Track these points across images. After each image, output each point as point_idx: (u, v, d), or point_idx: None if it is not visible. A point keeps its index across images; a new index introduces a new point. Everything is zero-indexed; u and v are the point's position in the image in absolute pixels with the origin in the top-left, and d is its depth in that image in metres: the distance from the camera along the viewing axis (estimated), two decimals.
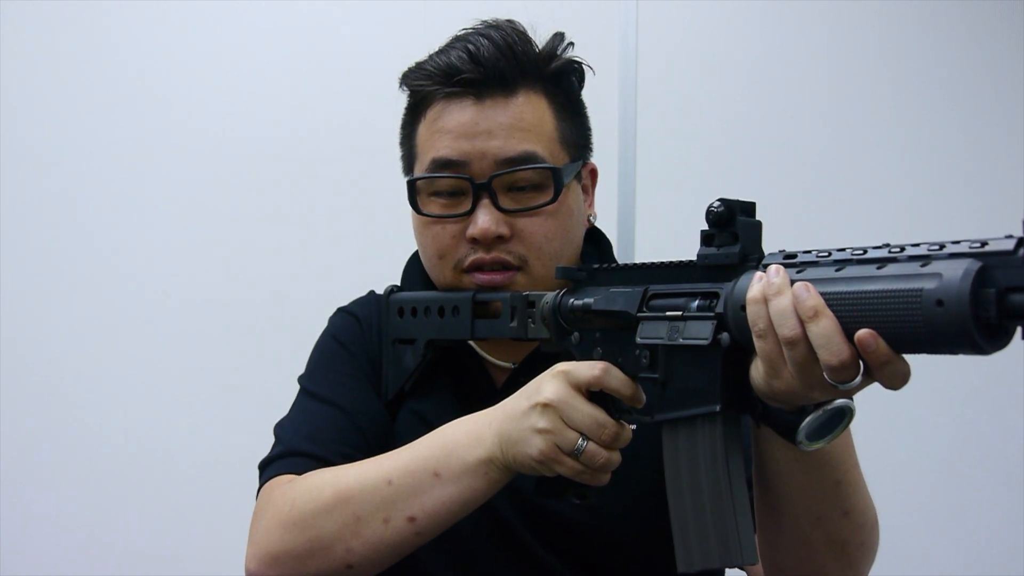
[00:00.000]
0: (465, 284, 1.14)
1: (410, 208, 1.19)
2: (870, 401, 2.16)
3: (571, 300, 1.03)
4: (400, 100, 1.22)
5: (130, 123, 1.94)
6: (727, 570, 1.06)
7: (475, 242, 1.12)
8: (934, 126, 2.08)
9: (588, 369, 0.96)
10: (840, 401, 0.87)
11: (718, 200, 0.90)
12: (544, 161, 1.13)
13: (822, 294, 0.78)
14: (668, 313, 0.91)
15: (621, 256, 1.73)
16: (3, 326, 1.90)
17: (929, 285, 0.72)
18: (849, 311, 0.76)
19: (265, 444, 1.21)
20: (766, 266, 0.85)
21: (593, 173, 1.24)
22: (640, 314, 0.94)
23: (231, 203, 1.95)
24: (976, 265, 0.70)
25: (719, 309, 0.86)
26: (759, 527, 1.04)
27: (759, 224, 0.90)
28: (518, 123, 1.13)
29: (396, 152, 1.24)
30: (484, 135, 1.12)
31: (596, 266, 1.03)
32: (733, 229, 0.89)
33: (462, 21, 1.29)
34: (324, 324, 1.32)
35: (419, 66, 1.18)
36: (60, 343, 1.91)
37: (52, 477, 1.88)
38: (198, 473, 1.87)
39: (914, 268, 0.74)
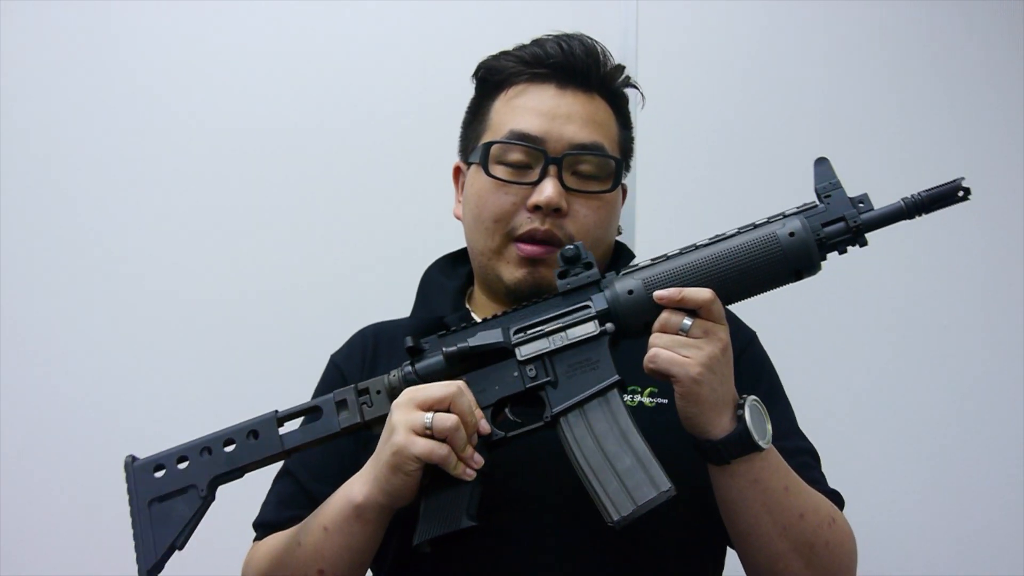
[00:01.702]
0: (509, 253, 1.23)
1: (456, 187, 1.32)
2: (871, 401, 2.17)
3: (427, 360, 1.12)
4: (400, 100, 1.23)
5: (131, 121, 1.94)
6: None
7: (535, 211, 1.21)
8: (934, 126, 2.07)
9: (441, 388, 1.06)
10: (746, 397, 1.07)
11: (571, 245, 1.13)
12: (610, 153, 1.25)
13: (701, 259, 1.07)
14: (548, 328, 1.10)
15: None
16: (3, 326, 1.90)
17: (780, 229, 1.07)
18: (721, 265, 1.07)
19: None
20: (618, 272, 1.12)
21: (624, 191, 1.34)
22: (515, 340, 1.10)
23: (232, 202, 1.95)
24: (800, 214, 1.09)
25: (599, 307, 1.09)
26: (743, 561, 1.15)
27: (590, 253, 1.14)
28: (593, 117, 1.25)
29: (398, 152, 1.25)
30: (563, 118, 1.23)
31: (442, 332, 1.15)
32: (586, 260, 1.12)
33: (462, 21, 1.30)
34: (325, 323, 1.36)
35: (505, 52, 1.29)
36: (60, 343, 1.91)
37: (52, 477, 1.88)
38: None
39: (758, 227, 1.09)
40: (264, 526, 1.26)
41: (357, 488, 1.08)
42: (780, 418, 1.22)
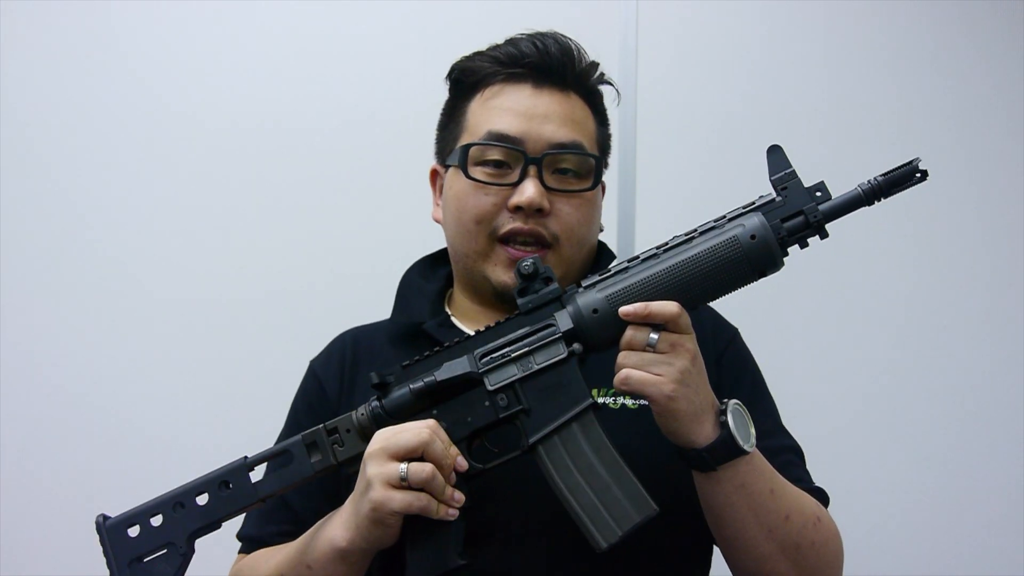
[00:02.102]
0: (496, 255, 1.22)
1: (434, 190, 1.31)
2: (871, 402, 2.17)
3: (394, 395, 1.10)
4: (402, 100, 1.23)
5: (131, 121, 1.95)
6: None
7: (517, 211, 1.20)
8: (935, 126, 2.07)
9: (413, 436, 1.04)
10: (727, 402, 1.06)
11: (527, 260, 1.10)
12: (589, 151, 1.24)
13: (664, 270, 1.06)
14: (514, 355, 1.07)
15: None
16: (4, 325, 1.90)
17: (739, 231, 1.06)
18: (684, 274, 1.05)
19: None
20: (578, 284, 1.10)
21: (603, 187, 1.32)
22: (483, 367, 1.08)
23: (233, 202, 1.95)
24: (759, 212, 1.07)
25: (564, 327, 1.07)
26: (729, 564, 1.15)
27: (548, 267, 1.12)
28: (570, 115, 1.24)
29: (398, 151, 1.25)
30: (541, 118, 1.22)
31: (404, 363, 1.12)
32: (545, 275, 1.10)
33: (463, 21, 1.30)
34: (326, 323, 1.36)
35: (479, 53, 1.28)
36: (61, 342, 1.91)
37: (53, 477, 1.88)
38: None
39: (717, 231, 1.07)
40: (248, 539, 1.27)
41: (339, 533, 1.08)
42: (763, 416, 1.22)
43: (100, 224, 1.93)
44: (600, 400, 1.15)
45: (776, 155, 1.13)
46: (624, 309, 1.04)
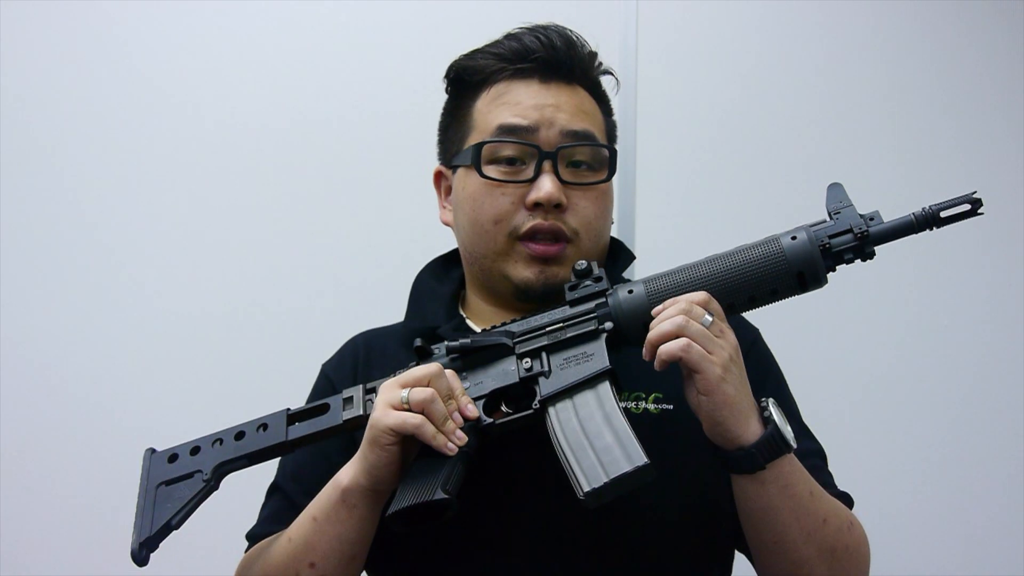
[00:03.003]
0: (516, 253, 1.20)
1: (439, 193, 1.30)
2: (871, 402, 2.16)
3: (432, 359, 1.14)
4: (404, 100, 1.23)
5: (132, 121, 1.94)
6: None
7: (535, 208, 1.19)
8: (935, 125, 2.07)
9: (424, 368, 1.07)
10: (767, 399, 1.06)
11: (583, 260, 1.14)
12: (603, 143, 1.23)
13: (703, 267, 1.07)
14: (548, 329, 1.11)
15: None
16: (4, 325, 1.90)
17: (784, 239, 1.06)
18: (722, 272, 1.06)
19: None
20: (625, 280, 1.13)
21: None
22: (518, 339, 1.12)
23: (234, 203, 1.95)
24: (807, 228, 1.07)
25: (602, 310, 1.09)
26: (761, 568, 1.14)
27: (603, 269, 1.15)
28: (580, 107, 1.23)
29: (409, 152, 1.25)
30: (552, 108, 1.21)
31: (449, 343, 1.14)
32: (597, 275, 1.13)
33: (464, 21, 1.30)
34: (338, 327, 1.37)
35: (479, 50, 1.26)
36: (61, 342, 1.91)
37: (53, 477, 1.88)
38: None
39: (763, 241, 1.07)
40: (255, 538, 1.26)
41: (343, 473, 1.08)
42: (788, 418, 1.22)
43: (104, 226, 1.93)
44: (623, 404, 1.13)
45: (836, 191, 1.10)
46: (657, 309, 1.04)
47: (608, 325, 1.07)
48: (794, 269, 1.04)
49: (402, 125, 1.93)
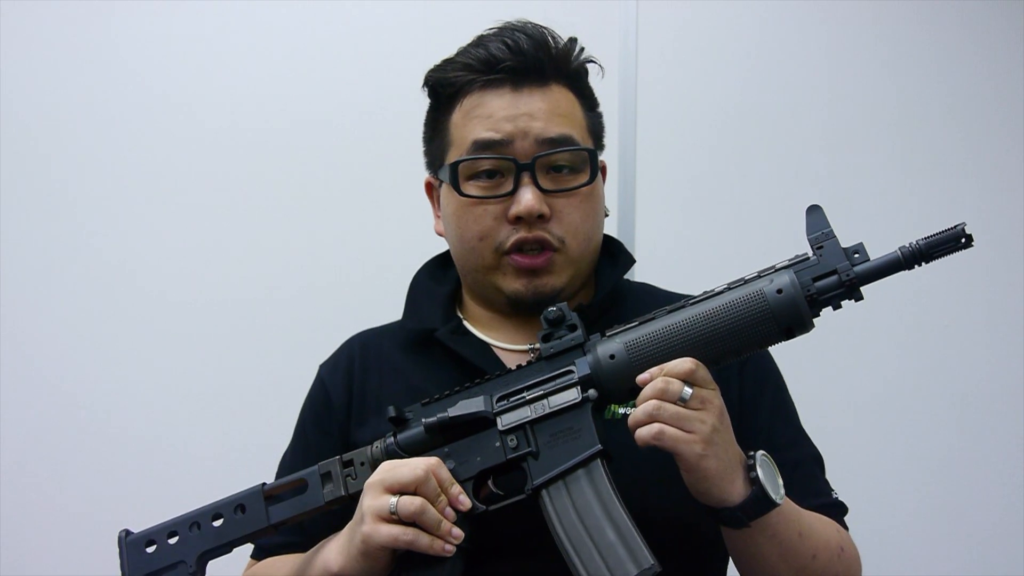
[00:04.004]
0: (504, 266, 1.19)
1: (432, 202, 1.28)
2: (870, 404, 2.16)
3: (409, 431, 1.10)
4: (403, 99, 1.23)
5: (132, 121, 1.94)
6: None
7: (517, 221, 1.17)
8: (934, 125, 2.07)
9: (410, 471, 1.03)
10: (755, 453, 1.03)
11: (553, 307, 1.10)
12: (581, 145, 1.20)
13: (685, 320, 1.03)
14: (528, 396, 1.07)
15: None
16: (4, 325, 1.89)
17: (767, 286, 1.02)
18: (706, 326, 1.02)
19: (266, 444, 1.21)
20: (603, 334, 1.07)
21: (603, 169, 1.29)
22: (498, 408, 1.07)
23: (234, 202, 1.95)
24: (791, 270, 1.03)
25: (581, 373, 1.06)
26: None
27: (575, 314, 1.10)
28: (555, 109, 1.20)
29: (405, 151, 1.25)
30: (525, 116, 1.18)
31: (424, 401, 1.12)
32: (570, 323, 1.09)
33: (463, 21, 1.29)
34: (335, 325, 1.36)
35: (450, 60, 1.25)
36: (66, 345, 1.90)
37: (53, 477, 1.88)
38: (199, 472, 1.86)
39: (747, 283, 1.04)
40: (258, 548, 1.27)
41: (333, 558, 1.07)
42: (785, 424, 1.22)
43: (104, 225, 1.92)
44: (621, 411, 1.14)
45: (815, 215, 1.05)
46: (641, 377, 1.01)
47: (592, 394, 1.04)
48: (782, 324, 1.01)
49: (401, 125, 1.90)
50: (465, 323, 1.27)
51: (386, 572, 1.05)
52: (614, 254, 1.30)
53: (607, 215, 1.28)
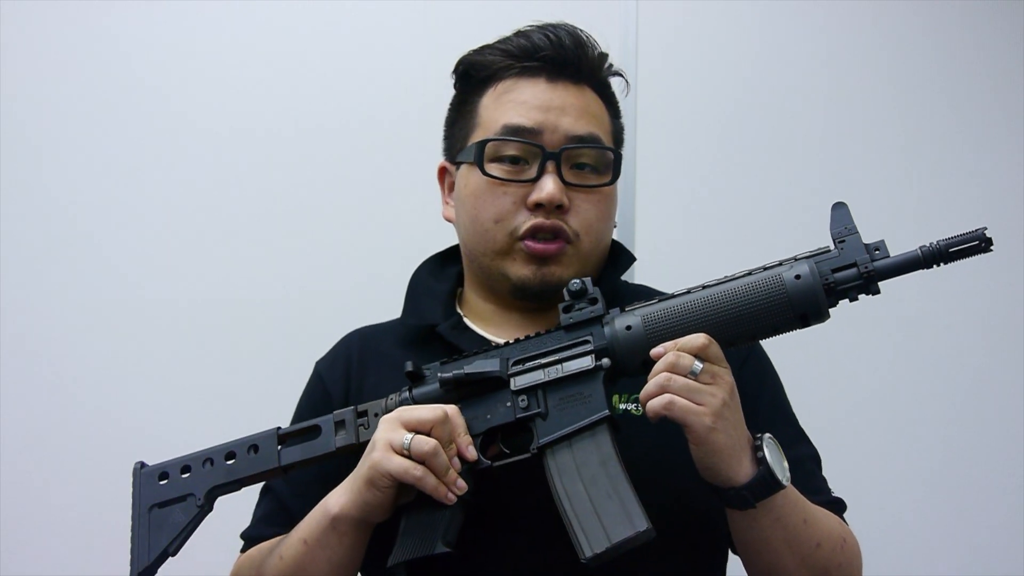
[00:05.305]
0: (515, 251, 1.20)
1: (442, 188, 1.28)
2: (872, 401, 2.16)
3: (425, 387, 1.12)
4: (400, 101, 1.23)
5: (132, 121, 1.94)
6: None
7: (536, 208, 1.18)
8: (934, 125, 2.08)
9: (429, 411, 1.05)
10: (762, 435, 1.04)
11: (578, 280, 1.11)
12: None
13: (703, 299, 1.05)
14: (543, 361, 1.09)
15: None
16: (4, 325, 1.90)
17: (786, 272, 1.04)
18: (723, 306, 1.04)
19: None
20: (622, 309, 1.09)
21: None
22: (512, 370, 1.10)
23: (236, 201, 1.95)
24: (811, 258, 1.05)
25: (599, 342, 1.07)
26: None
27: (597, 289, 1.12)
28: (587, 109, 1.22)
29: (404, 149, 1.24)
30: (557, 110, 1.20)
31: (443, 360, 1.14)
32: (592, 296, 1.10)
33: (465, 21, 1.30)
34: (332, 323, 1.37)
35: (488, 46, 1.26)
36: (65, 345, 1.91)
37: (53, 477, 1.88)
38: None
39: (766, 270, 1.05)
40: (249, 539, 1.27)
41: (333, 499, 1.08)
42: (784, 423, 1.22)
43: (104, 225, 1.93)
44: (623, 406, 1.15)
45: (840, 211, 1.07)
46: (655, 350, 1.02)
47: (605, 362, 1.06)
48: (798, 310, 1.03)
49: (401, 123, 1.93)
50: (465, 319, 1.28)
51: (384, 512, 1.06)
52: (615, 255, 1.31)
53: (615, 226, 1.30)
